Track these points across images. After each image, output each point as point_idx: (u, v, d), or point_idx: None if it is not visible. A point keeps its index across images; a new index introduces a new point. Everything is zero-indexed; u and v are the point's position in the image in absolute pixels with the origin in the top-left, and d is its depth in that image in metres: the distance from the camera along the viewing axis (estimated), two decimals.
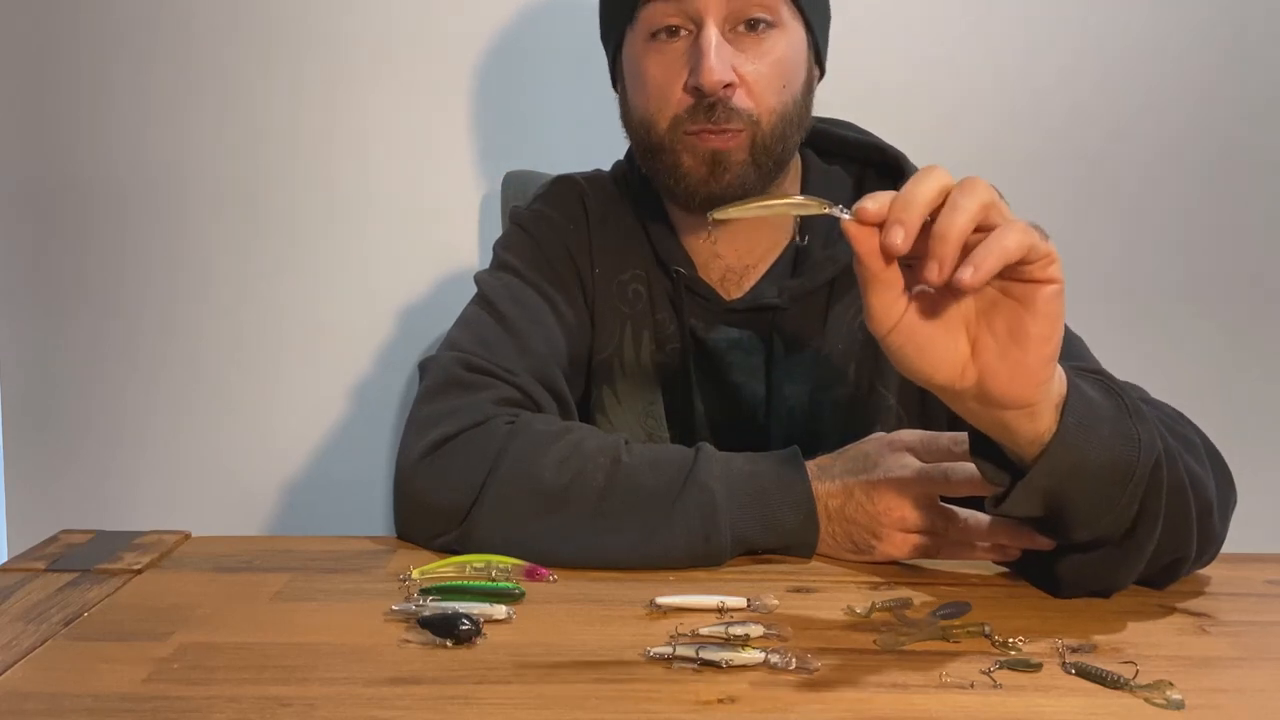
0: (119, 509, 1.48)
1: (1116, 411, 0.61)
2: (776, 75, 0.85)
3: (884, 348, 0.58)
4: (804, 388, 0.91)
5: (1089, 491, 0.60)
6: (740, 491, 0.73)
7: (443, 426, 0.78)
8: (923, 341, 0.57)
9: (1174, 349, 1.44)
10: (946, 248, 0.52)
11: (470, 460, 0.76)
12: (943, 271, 0.53)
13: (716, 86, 0.82)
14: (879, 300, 0.56)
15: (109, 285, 1.45)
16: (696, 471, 0.73)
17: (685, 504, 0.72)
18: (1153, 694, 0.53)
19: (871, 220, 0.54)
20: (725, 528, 0.71)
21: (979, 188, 0.53)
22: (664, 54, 0.86)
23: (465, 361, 0.83)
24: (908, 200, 0.53)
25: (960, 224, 0.52)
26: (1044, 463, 0.59)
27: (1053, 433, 0.59)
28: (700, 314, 0.93)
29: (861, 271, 0.56)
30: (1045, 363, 0.57)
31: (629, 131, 0.93)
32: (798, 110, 0.88)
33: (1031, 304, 0.55)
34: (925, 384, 0.59)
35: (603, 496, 0.73)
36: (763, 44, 0.85)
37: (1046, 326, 0.56)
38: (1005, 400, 0.57)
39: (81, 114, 1.42)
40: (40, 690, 0.53)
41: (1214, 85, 1.40)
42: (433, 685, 0.54)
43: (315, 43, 1.40)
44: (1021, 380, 0.57)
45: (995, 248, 0.52)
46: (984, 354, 0.57)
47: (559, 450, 0.75)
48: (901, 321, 0.57)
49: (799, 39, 0.88)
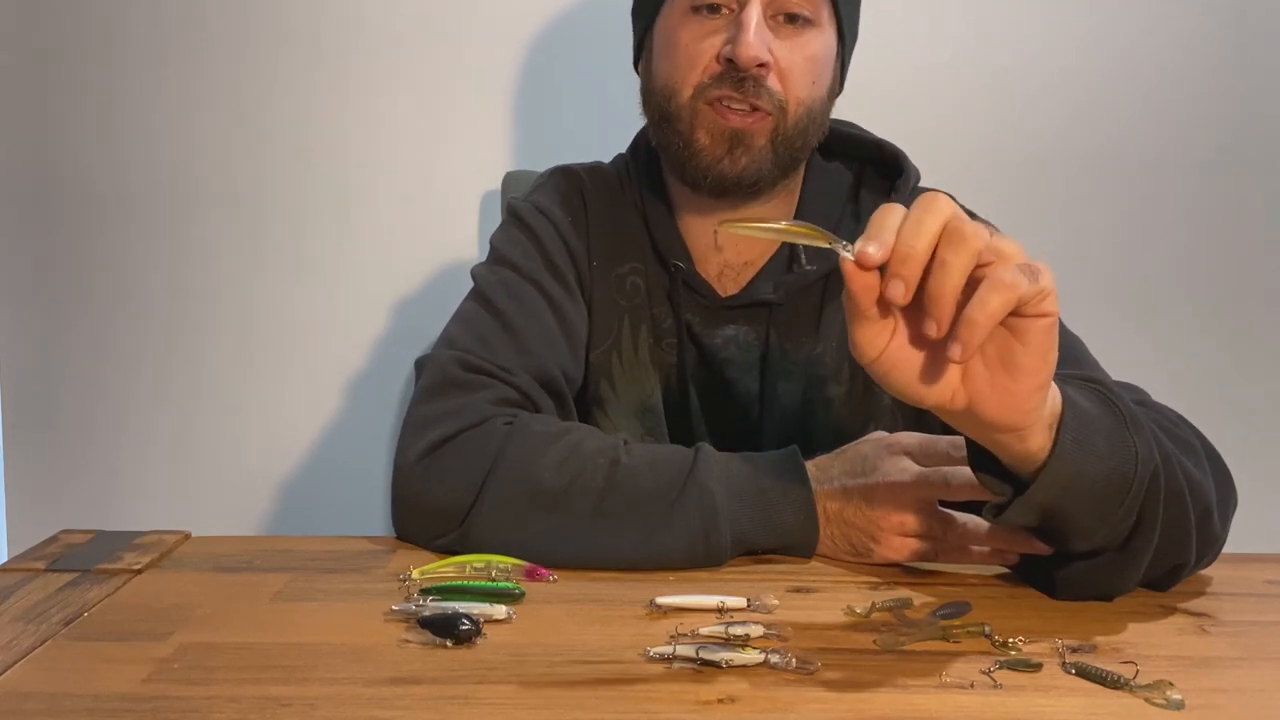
0: (119, 509, 1.48)
1: (1113, 424, 0.61)
2: (809, 69, 0.86)
3: (870, 374, 0.58)
4: (799, 384, 0.91)
5: (1086, 505, 0.60)
6: (740, 492, 0.73)
7: (441, 427, 0.78)
8: (908, 369, 0.57)
9: (1173, 349, 1.44)
10: (941, 308, 0.52)
11: (468, 462, 0.76)
12: (940, 329, 0.53)
13: (751, 62, 0.82)
14: (864, 332, 0.56)
15: (109, 285, 1.45)
16: (696, 472, 0.73)
17: (685, 505, 0.72)
18: (1153, 694, 0.53)
19: (872, 266, 0.53)
20: (725, 528, 0.71)
21: (967, 238, 0.52)
22: (702, 26, 0.86)
23: (462, 361, 0.83)
24: (907, 253, 0.52)
25: (951, 285, 0.52)
26: (1041, 480, 0.59)
27: (1048, 451, 0.59)
28: (697, 309, 0.93)
29: (851, 306, 0.55)
30: (1035, 391, 0.56)
31: (646, 103, 0.92)
32: (822, 110, 0.89)
33: (1024, 336, 0.55)
34: (915, 404, 0.59)
35: (602, 497, 0.73)
36: (800, 38, 0.85)
37: (1038, 358, 0.55)
38: (995, 425, 0.57)
39: (82, 114, 1.41)
40: (40, 690, 0.53)
41: (1213, 85, 1.40)
42: (433, 685, 0.54)
43: (315, 43, 1.40)
44: (1011, 407, 0.56)
45: (980, 316, 0.51)
46: (974, 380, 0.57)
47: (558, 451, 0.75)
48: (886, 351, 0.56)
49: (832, 44, 0.89)
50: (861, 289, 0.54)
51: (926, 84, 1.40)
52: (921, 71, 1.39)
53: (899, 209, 0.54)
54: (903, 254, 0.52)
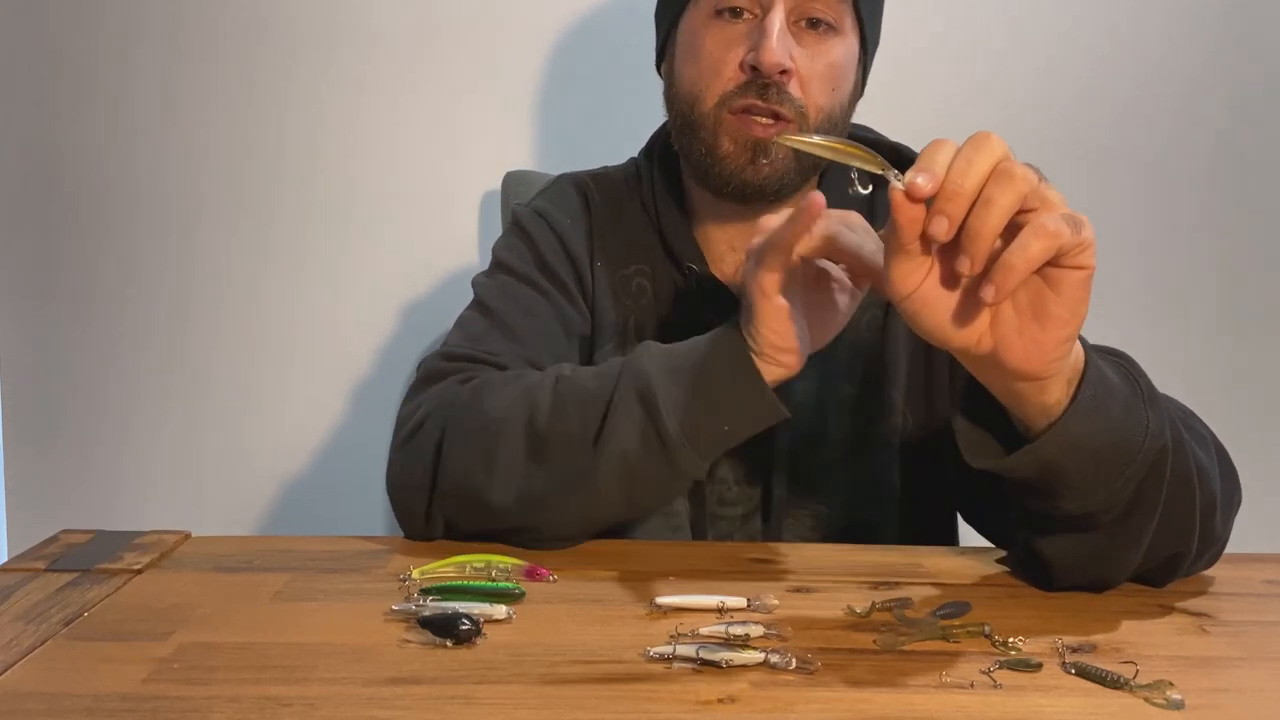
0: (119, 509, 1.48)
1: (1131, 394, 0.61)
2: (830, 77, 0.86)
3: (900, 310, 0.58)
4: (811, 384, 0.91)
5: (1086, 466, 0.60)
6: (676, 369, 0.71)
7: (417, 415, 0.79)
8: (939, 308, 0.57)
9: (1172, 348, 1.44)
10: (979, 245, 0.52)
11: (431, 428, 0.77)
12: (974, 267, 0.53)
13: (774, 69, 0.82)
14: (900, 268, 0.56)
15: (109, 285, 1.45)
16: (630, 361, 0.73)
17: (624, 395, 0.71)
18: (1153, 694, 0.53)
19: (921, 198, 0.53)
20: (670, 412, 0.70)
21: (1016, 179, 0.52)
22: (725, 32, 0.85)
23: (447, 354, 0.84)
24: (955, 190, 0.52)
25: (993, 223, 0.52)
26: (1053, 433, 0.59)
27: (1063, 406, 0.59)
28: (710, 310, 0.93)
29: (893, 239, 0.55)
30: (1062, 342, 0.57)
31: (670, 107, 0.92)
32: (843, 116, 0.89)
33: (1058, 286, 0.55)
34: (940, 346, 0.59)
35: (549, 413, 0.73)
36: (822, 44, 0.85)
37: (1069, 309, 0.55)
38: (1017, 372, 0.58)
39: (85, 115, 1.41)
40: (40, 690, 0.53)
41: (1217, 84, 1.40)
42: (433, 685, 0.54)
43: (316, 45, 1.40)
44: (1036, 356, 0.57)
45: (1019, 260, 0.52)
46: (1002, 325, 0.57)
47: (507, 388, 0.76)
48: (920, 289, 0.57)
49: (854, 50, 0.88)
50: (908, 221, 0.54)
51: (923, 85, 1.40)
52: (918, 73, 1.39)
53: (950, 144, 0.54)
54: (951, 190, 0.52)
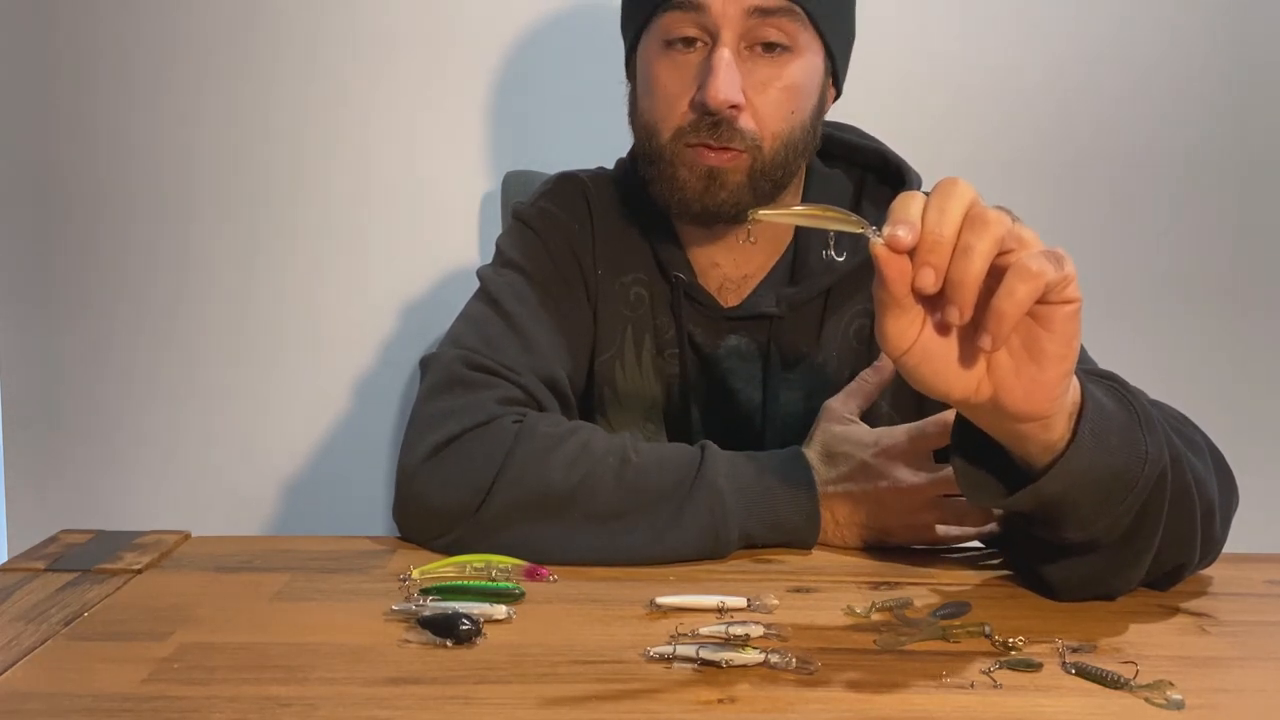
0: (119, 509, 1.47)
1: (1128, 421, 0.61)
2: (785, 101, 0.85)
3: (898, 367, 0.58)
4: (800, 395, 0.92)
5: (1088, 498, 0.60)
6: (748, 491, 0.74)
7: (447, 426, 0.78)
8: (937, 361, 0.57)
9: (1170, 349, 1.44)
10: (964, 294, 0.52)
11: (476, 462, 0.76)
12: (963, 316, 0.53)
13: (722, 106, 0.82)
14: (895, 324, 0.55)
15: (109, 285, 1.45)
16: (705, 471, 0.74)
17: (695, 504, 0.73)
18: (1153, 694, 0.53)
19: (903, 250, 0.53)
20: (733, 526, 0.73)
21: (990, 223, 0.52)
22: (676, 65, 0.85)
23: (468, 359, 0.82)
24: (935, 240, 0.52)
25: (975, 270, 0.52)
26: (1057, 470, 0.59)
27: (1066, 441, 0.59)
28: (699, 321, 0.93)
29: (883, 296, 0.55)
30: (1061, 379, 0.56)
31: (634, 131, 0.92)
32: (804, 135, 0.88)
33: (1049, 323, 0.55)
34: (941, 399, 0.59)
35: (612, 498, 0.73)
36: (776, 68, 0.84)
37: (1063, 344, 0.55)
38: (1020, 415, 0.57)
39: (83, 116, 1.41)
40: (40, 690, 0.53)
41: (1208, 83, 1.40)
42: (433, 685, 0.54)
43: (316, 44, 1.40)
44: (1037, 396, 0.56)
45: (1009, 306, 0.51)
46: (999, 370, 0.57)
47: (567, 451, 0.75)
48: (916, 343, 0.56)
49: (815, 65, 0.87)
50: (897, 274, 0.53)
51: (922, 85, 1.40)
52: (916, 73, 1.39)
53: (919, 195, 0.54)
54: (931, 241, 0.52)
